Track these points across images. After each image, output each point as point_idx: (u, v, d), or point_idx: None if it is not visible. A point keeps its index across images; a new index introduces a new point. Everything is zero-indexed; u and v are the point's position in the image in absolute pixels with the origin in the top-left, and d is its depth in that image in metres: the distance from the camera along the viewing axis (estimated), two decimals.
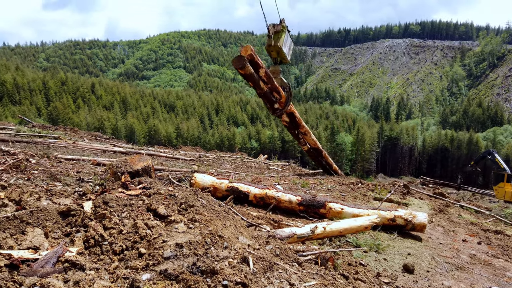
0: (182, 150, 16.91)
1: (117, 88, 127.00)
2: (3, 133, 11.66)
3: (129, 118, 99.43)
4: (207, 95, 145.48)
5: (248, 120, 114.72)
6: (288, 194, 6.49)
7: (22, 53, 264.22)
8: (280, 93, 9.75)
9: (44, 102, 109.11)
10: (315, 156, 13.07)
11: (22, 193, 3.43)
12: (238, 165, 13.89)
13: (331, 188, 9.04)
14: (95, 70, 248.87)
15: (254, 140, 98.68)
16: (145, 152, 12.47)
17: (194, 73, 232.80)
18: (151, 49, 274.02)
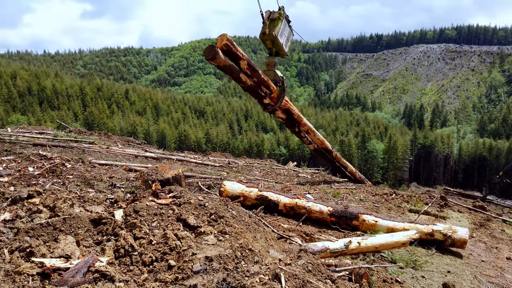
0: (211, 156, 17.01)
1: (150, 94, 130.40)
2: (42, 137, 12.12)
3: (161, 124, 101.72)
4: (236, 101, 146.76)
5: (277, 126, 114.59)
6: (319, 204, 6.32)
7: (61, 60, 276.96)
8: (270, 87, 8.66)
9: (80, 107, 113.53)
10: (325, 156, 12.10)
11: (56, 199, 3.47)
12: (267, 172, 13.79)
13: (363, 198, 8.76)
14: (129, 76, 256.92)
15: (283, 147, 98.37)
16: (175, 158, 12.61)
17: (224, 79, 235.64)
18: (182, 56, 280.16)
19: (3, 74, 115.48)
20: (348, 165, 12.66)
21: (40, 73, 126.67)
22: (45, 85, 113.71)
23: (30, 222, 3.06)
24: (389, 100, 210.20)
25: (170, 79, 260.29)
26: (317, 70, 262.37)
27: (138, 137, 78.50)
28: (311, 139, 11.28)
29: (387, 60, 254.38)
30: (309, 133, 11.05)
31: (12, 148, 9.19)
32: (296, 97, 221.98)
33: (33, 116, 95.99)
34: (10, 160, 7.35)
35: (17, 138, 11.00)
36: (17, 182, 5.78)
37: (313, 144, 11.40)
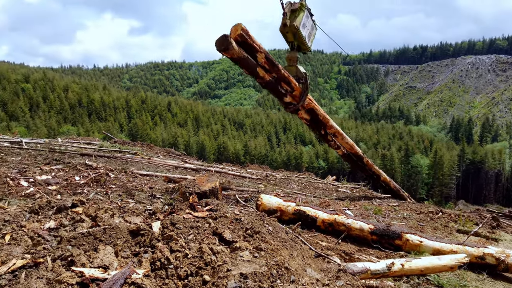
0: (249, 168, 17.04)
1: (191, 106, 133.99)
2: (89, 148, 12.71)
3: (201, 135, 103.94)
4: (275, 113, 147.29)
5: (316, 139, 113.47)
6: (359, 222, 6.08)
7: (109, 74, 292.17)
8: (292, 84, 7.79)
9: (126, 119, 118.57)
10: (354, 162, 10.97)
11: (98, 209, 3.56)
12: (305, 185, 13.58)
13: (407, 216, 8.36)
14: (171, 89, 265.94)
15: (321, 160, 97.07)
16: (214, 170, 12.74)
17: (263, 91, 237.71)
18: (223, 69, 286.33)
19: (56, 87, 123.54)
20: (382, 173, 11.64)
21: (90, 87, 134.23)
22: (94, 97, 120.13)
23: (73, 231, 3.15)
24: (435, 113, 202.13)
25: (211, 92, 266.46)
26: (358, 82, 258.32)
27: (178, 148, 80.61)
28: (339, 143, 10.18)
29: (432, 72, 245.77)
30: (337, 136, 9.95)
31: (61, 157, 9.67)
32: (336, 109, 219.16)
33: (82, 127, 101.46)
34: (59, 169, 7.73)
35: (66, 148, 11.60)
36: (63, 190, 6.05)
37: (341, 148, 10.34)
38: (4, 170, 6.98)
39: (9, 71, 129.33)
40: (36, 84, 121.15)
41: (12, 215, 3.37)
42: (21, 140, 11.60)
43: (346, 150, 10.51)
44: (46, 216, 3.48)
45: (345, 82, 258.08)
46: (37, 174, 6.96)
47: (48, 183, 6.46)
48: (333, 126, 9.68)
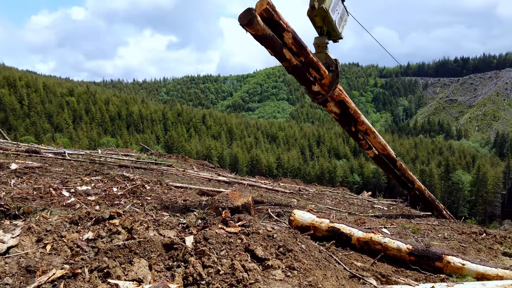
0: (282, 182, 16.93)
1: (225, 119, 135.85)
2: (127, 159, 13.12)
3: (234, 148, 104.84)
4: (308, 126, 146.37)
5: (350, 153, 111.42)
6: (396, 241, 5.84)
7: (147, 87, 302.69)
8: (321, 71, 6.94)
9: (162, 131, 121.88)
10: (386, 166, 9.89)
11: (134, 222, 3.63)
12: (339, 201, 13.29)
13: (448, 236, 7.94)
14: (206, 102, 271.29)
15: (356, 174, 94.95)
16: (246, 183, 12.76)
17: (297, 105, 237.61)
18: (257, 83, 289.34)
19: (98, 100, 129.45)
20: (416, 180, 10.56)
21: (129, 100, 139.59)
22: (133, 110, 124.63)
23: (109, 243, 3.22)
24: (477, 128, 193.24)
25: (245, 105, 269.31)
26: (395, 95, 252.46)
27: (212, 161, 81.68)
28: (370, 143, 9.11)
29: (474, 85, 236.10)
30: (368, 134, 8.90)
31: (101, 168, 10.04)
32: (372, 122, 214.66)
33: (121, 139, 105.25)
34: (98, 180, 8.02)
35: (106, 160, 12.03)
36: (102, 201, 6.26)
37: (373, 149, 9.31)
38: (47, 180, 7.33)
39: (56, 85, 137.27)
40: (79, 97, 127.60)
41: (54, 225, 3.51)
42: (64, 152, 12.16)
43: (378, 151, 9.48)
44: (85, 227, 3.59)
45: (381, 95, 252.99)
46: (78, 184, 7.25)
47: (88, 194, 6.71)
48: (365, 122, 8.67)
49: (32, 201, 5.80)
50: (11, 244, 3.05)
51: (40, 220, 3.70)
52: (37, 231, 3.34)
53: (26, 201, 5.69)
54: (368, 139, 9.03)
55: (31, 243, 3.20)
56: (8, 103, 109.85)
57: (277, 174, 79.54)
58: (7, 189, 6.26)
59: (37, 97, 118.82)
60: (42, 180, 7.34)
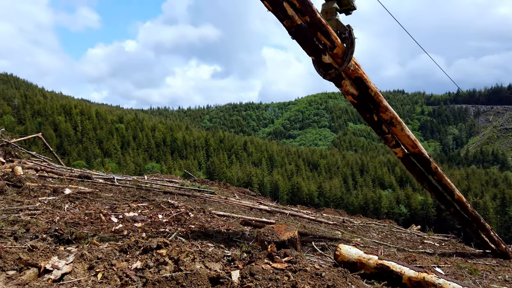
0: (324, 212, 16.50)
1: (266, 146, 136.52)
2: (171, 186, 13.43)
3: (275, 175, 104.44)
4: (351, 154, 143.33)
5: (396, 183, 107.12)
6: (452, 283, 5.41)
7: (191, 115, 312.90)
8: (332, 36, 5.58)
9: (204, 157, 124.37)
10: (419, 171, 7.88)
11: (180, 252, 3.64)
12: (386, 235, 12.67)
13: (509, 279, 7.27)
14: (248, 129, 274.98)
15: (403, 206, 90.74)
16: (288, 213, 12.57)
17: (339, 132, 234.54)
18: (298, 110, 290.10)
19: (145, 127, 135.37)
20: (456, 190, 8.51)
21: (174, 127, 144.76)
22: (177, 136, 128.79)
23: (157, 274, 3.24)
24: None
25: (286, 132, 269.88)
26: (444, 123, 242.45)
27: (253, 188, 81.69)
28: (397, 138, 7.17)
29: None
30: (394, 125, 6.84)
31: (147, 195, 10.33)
32: None
33: (165, 164, 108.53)
34: (145, 206, 8.23)
35: (151, 186, 12.38)
36: (148, 228, 6.39)
37: (401, 147, 7.38)
38: (98, 206, 7.63)
39: (107, 112, 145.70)
40: (128, 124, 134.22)
41: (104, 253, 3.59)
42: (113, 177, 12.67)
43: (408, 149, 7.50)
44: (134, 255, 3.65)
45: (429, 123, 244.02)
46: (125, 211, 7.47)
47: (135, 220, 6.88)
48: (389, 108, 6.78)
49: (84, 226, 6.03)
50: (65, 271, 3.15)
51: (92, 247, 3.80)
52: (89, 258, 3.43)
53: (78, 226, 5.92)
54: (394, 132, 7.04)
55: (83, 270, 3.28)
56: (63, 130, 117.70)
57: (318, 203, 77.89)
58: (61, 214, 6.57)
59: (90, 124, 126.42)
60: (93, 206, 7.65)
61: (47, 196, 7.78)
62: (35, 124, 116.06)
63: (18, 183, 8.43)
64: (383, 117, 6.77)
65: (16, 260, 3.24)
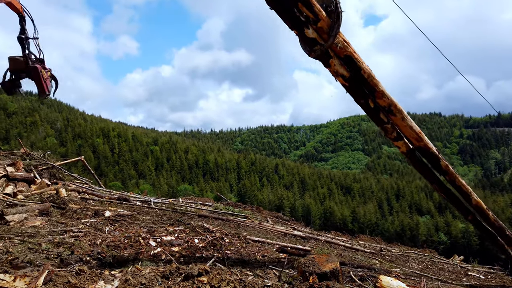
0: (360, 239, 16.00)
1: (297, 169, 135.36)
2: (205, 209, 13.54)
3: (306, 199, 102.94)
4: (386, 178, 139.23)
5: (434, 209, 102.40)
6: None
7: (223, 137, 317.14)
8: (315, 8, 4.90)
9: (235, 179, 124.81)
10: (427, 170, 6.78)
11: (221, 280, 3.64)
12: (426, 265, 12.07)
13: None
14: (279, 152, 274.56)
15: (442, 233, 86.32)
16: (323, 239, 12.30)
17: (373, 155, 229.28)
18: (330, 133, 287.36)
19: (179, 149, 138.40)
20: (473, 193, 7.06)
21: (206, 149, 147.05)
22: (209, 159, 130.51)
23: None
24: None
25: (317, 155, 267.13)
26: (485, 147, 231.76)
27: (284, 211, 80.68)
28: (398, 129, 6.14)
29: None
30: (394, 113, 5.87)
31: (182, 218, 10.46)
32: None
33: (197, 186, 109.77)
34: (181, 230, 8.33)
35: (186, 209, 12.54)
36: (185, 253, 6.44)
37: (403, 140, 6.30)
38: (136, 229, 7.80)
39: (142, 135, 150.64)
40: (162, 146, 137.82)
41: (147, 279, 3.65)
42: (150, 200, 12.97)
43: (412, 143, 6.44)
44: (175, 282, 3.68)
45: (468, 147, 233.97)
46: (163, 234, 7.59)
47: (172, 244, 6.97)
48: (385, 93, 5.80)
49: (124, 249, 6.17)
50: None
51: (135, 272, 3.88)
52: (133, 284, 3.50)
53: (118, 249, 6.07)
54: (394, 121, 6.11)
55: None
56: (101, 151, 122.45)
57: (352, 229, 75.61)
58: (103, 236, 6.77)
59: (126, 146, 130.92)
60: (132, 228, 7.83)
61: (89, 218, 8.05)
62: (75, 146, 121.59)
63: (62, 205, 8.79)
64: (380, 104, 5.89)
65: (65, 283, 3.35)
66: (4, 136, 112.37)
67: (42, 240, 5.87)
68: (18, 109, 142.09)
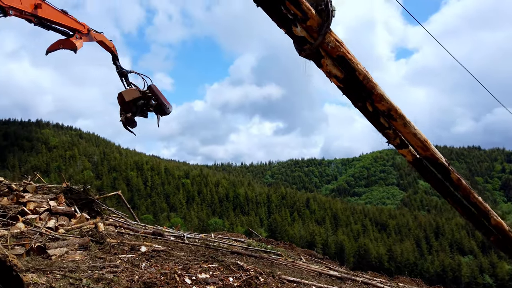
0: (399, 281, 15.18)
1: (329, 203, 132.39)
2: (238, 245, 13.39)
3: (339, 235, 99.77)
4: (424, 215, 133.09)
5: (477, 249, 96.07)
6: None
7: (254, 170, 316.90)
8: (303, 6, 4.58)
9: (266, 213, 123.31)
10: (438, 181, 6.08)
11: None
12: None
13: None
14: (310, 186, 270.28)
15: (487, 275, 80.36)
16: (360, 280, 11.77)
17: (408, 190, 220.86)
18: (363, 166, 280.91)
19: (209, 182, 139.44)
20: (491, 211, 5.95)
21: (236, 182, 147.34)
22: (239, 192, 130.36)
23: None
24: None
25: (350, 189, 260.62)
26: None
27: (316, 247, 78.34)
28: (402, 135, 5.51)
29: None
30: (394, 118, 5.30)
31: (215, 254, 10.37)
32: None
33: (227, 220, 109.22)
34: (215, 267, 8.24)
35: (219, 245, 12.46)
36: None
37: (408, 147, 5.66)
38: (171, 266, 7.80)
39: (174, 168, 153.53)
40: (193, 179, 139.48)
41: None
42: (183, 235, 13.01)
43: (417, 150, 5.77)
44: None
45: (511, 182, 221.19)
46: (197, 272, 7.53)
47: (207, 283, 6.89)
48: (385, 97, 5.21)
49: (160, 286, 6.16)
50: None
51: None
52: None
53: (155, 286, 6.07)
54: (396, 127, 5.54)
55: None
56: (135, 184, 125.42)
57: (389, 268, 71.90)
58: (139, 273, 6.80)
59: (159, 179, 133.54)
60: (167, 265, 7.84)
61: (126, 254, 8.14)
62: (110, 179, 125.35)
63: (100, 239, 8.97)
64: (378, 108, 5.40)
65: None
66: (45, 169, 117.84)
67: (82, 275, 5.97)
68: (58, 143, 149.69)
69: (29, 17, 7.45)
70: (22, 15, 7.26)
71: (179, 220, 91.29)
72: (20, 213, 9.51)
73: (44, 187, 12.57)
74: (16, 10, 7.08)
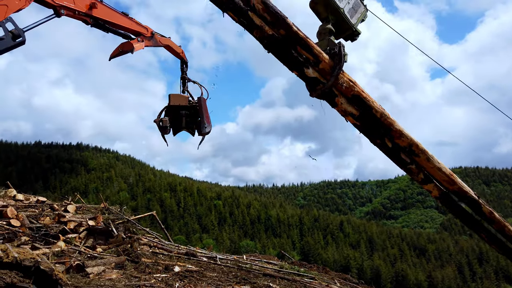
0: None
1: (364, 226, 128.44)
2: (270, 268, 13.22)
3: (375, 259, 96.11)
4: (465, 239, 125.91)
5: None
6: None
7: (285, 192, 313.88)
8: (314, 50, 5.02)
9: (298, 236, 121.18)
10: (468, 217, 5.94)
11: None
12: None
13: None
14: (343, 208, 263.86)
15: None
16: None
17: (448, 214, 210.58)
18: (399, 188, 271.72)
19: (241, 204, 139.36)
20: None
21: (268, 204, 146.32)
22: (271, 214, 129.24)
23: None
24: None
25: (386, 212, 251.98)
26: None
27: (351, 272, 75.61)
28: (425, 170, 5.58)
29: None
30: (416, 153, 5.41)
31: (248, 276, 10.29)
32: None
33: (259, 242, 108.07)
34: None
35: (251, 267, 12.34)
36: None
37: (433, 182, 5.67)
38: (204, 286, 7.81)
39: (207, 189, 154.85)
40: (225, 200, 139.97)
41: None
42: (216, 256, 13.01)
43: (443, 185, 5.69)
44: None
45: None
46: None
47: None
48: (404, 133, 5.37)
49: None
50: None
51: None
52: None
53: None
54: (419, 162, 5.56)
55: None
56: (168, 205, 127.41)
57: None
58: None
59: (191, 200, 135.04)
60: (200, 285, 7.86)
61: (160, 273, 8.25)
62: (145, 200, 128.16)
63: (136, 258, 9.15)
64: (399, 144, 5.44)
65: None
66: (84, 190, 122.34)
67: None
68: (97, 165, 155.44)
69: (84, 17, 7.16)
70: (75, 15, 6.98)
71: (211, 242, 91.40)
72: (61, 232, 9.90)
73: (84, 207, 13.06)
74: (69, 10, 6.76)
